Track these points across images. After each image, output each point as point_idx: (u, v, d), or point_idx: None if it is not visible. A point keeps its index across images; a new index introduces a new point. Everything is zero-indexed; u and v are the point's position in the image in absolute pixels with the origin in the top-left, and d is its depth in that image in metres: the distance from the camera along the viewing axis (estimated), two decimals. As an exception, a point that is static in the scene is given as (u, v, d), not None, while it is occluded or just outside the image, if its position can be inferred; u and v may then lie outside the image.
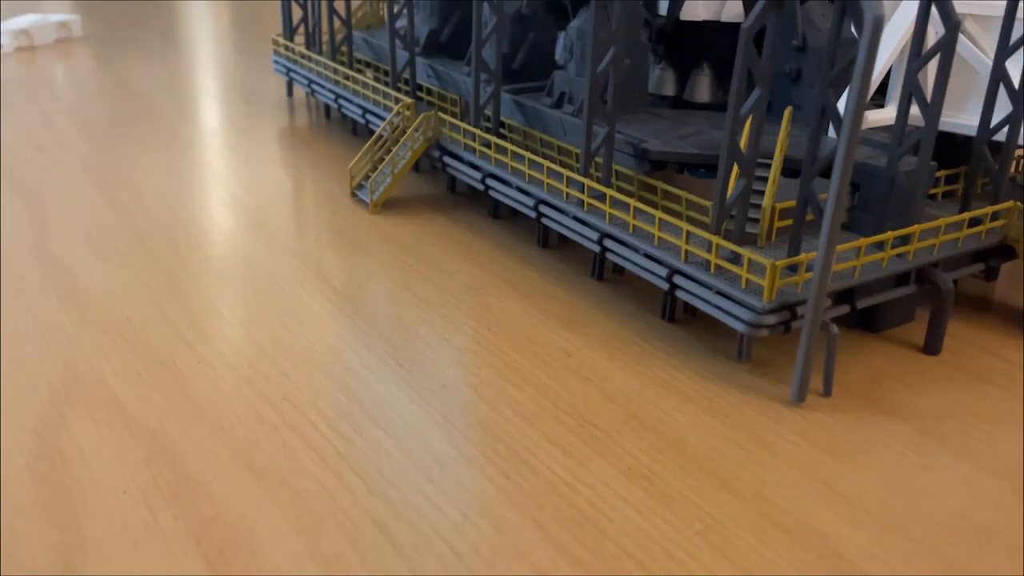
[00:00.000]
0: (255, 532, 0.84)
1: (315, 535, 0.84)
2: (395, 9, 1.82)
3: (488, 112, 1.56)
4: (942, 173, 1.33)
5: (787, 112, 1.18)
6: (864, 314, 1.18)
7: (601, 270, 1.38)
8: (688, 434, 1.00)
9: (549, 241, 1.49)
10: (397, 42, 1.87)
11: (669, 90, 1.56)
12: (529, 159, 1.42)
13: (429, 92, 1.83)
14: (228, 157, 1.96)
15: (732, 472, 0.94)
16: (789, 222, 1.15)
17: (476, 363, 1.13)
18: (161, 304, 1.27)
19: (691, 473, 0.93)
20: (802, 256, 1.06)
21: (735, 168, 1.10)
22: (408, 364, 1.13)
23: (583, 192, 1.31)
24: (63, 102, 2.35)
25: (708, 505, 0.89)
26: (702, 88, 1.53)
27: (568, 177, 1.33)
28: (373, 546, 0.82)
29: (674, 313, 1.25)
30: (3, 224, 1.53)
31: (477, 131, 1.54)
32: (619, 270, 1.38)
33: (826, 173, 1.01)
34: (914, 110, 1.14)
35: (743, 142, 1.10)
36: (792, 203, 1.12)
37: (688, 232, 1.13)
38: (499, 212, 1.61)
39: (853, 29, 1.05)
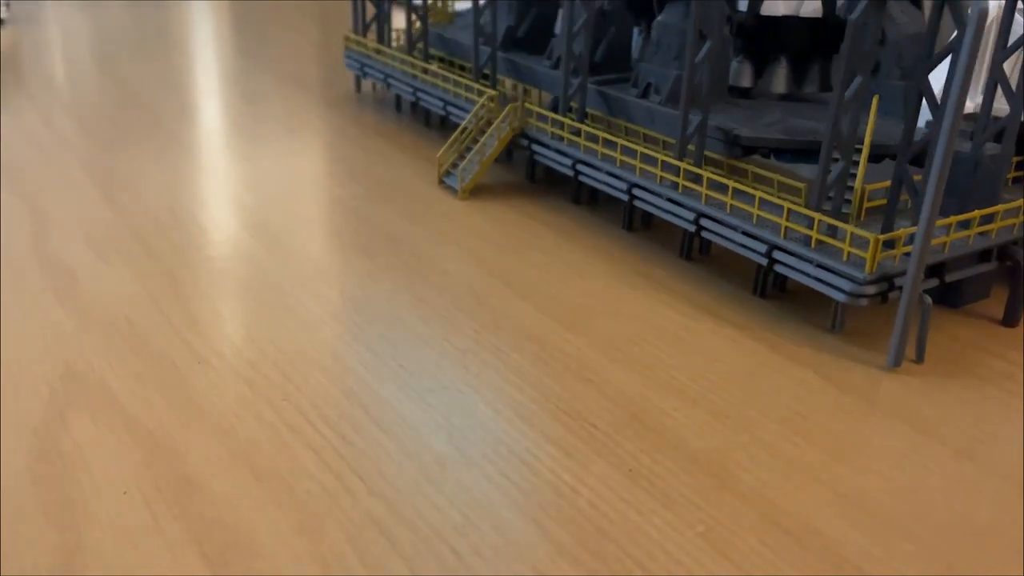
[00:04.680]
0: (256, 533, 0.84)
1: (316, 536, 0.84)
2: (479, 6, 1.90)
3: (573, 104, 1.64)
4: (1014, 159, 1.40)
5: (874, 100, 1.24)
6: (946, 289, 1.25)
7: (690, 250, 1.45)
8: (689, 435, 1.00)
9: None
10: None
11: (745, 82, 1.63)
12: (621, 145, 1.50)
13: (505, 85, 1.92)
14: (227, 157, 1.96)
15: (733, 473, 0.94)
16: (872, 204, 1.24)
17: (476, 363, 1.13)
18: (161, 304, 1.27)
19: (692, 474, 0.93)
20: (900, 231, 1.13)
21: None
22: (409, 365, 1.13)
23: (679, 176, 1.38)
24: (63, 102, 2.35)
25: (709, 506, 0.89)
26: (779, 80, 1.61)
27: (663, 161, 1.41)
28: (374, 547, 0.82)
29: (765, 289, 1.32)
30: (3, 224, 1.53)
31: (566, 120, 1.62)
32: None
33: (914, 159, 1.14)
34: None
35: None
36: (878, 185, 1.23)
37: (789, 209, 1.20)
38: (499, 211, 1.62)
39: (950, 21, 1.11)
